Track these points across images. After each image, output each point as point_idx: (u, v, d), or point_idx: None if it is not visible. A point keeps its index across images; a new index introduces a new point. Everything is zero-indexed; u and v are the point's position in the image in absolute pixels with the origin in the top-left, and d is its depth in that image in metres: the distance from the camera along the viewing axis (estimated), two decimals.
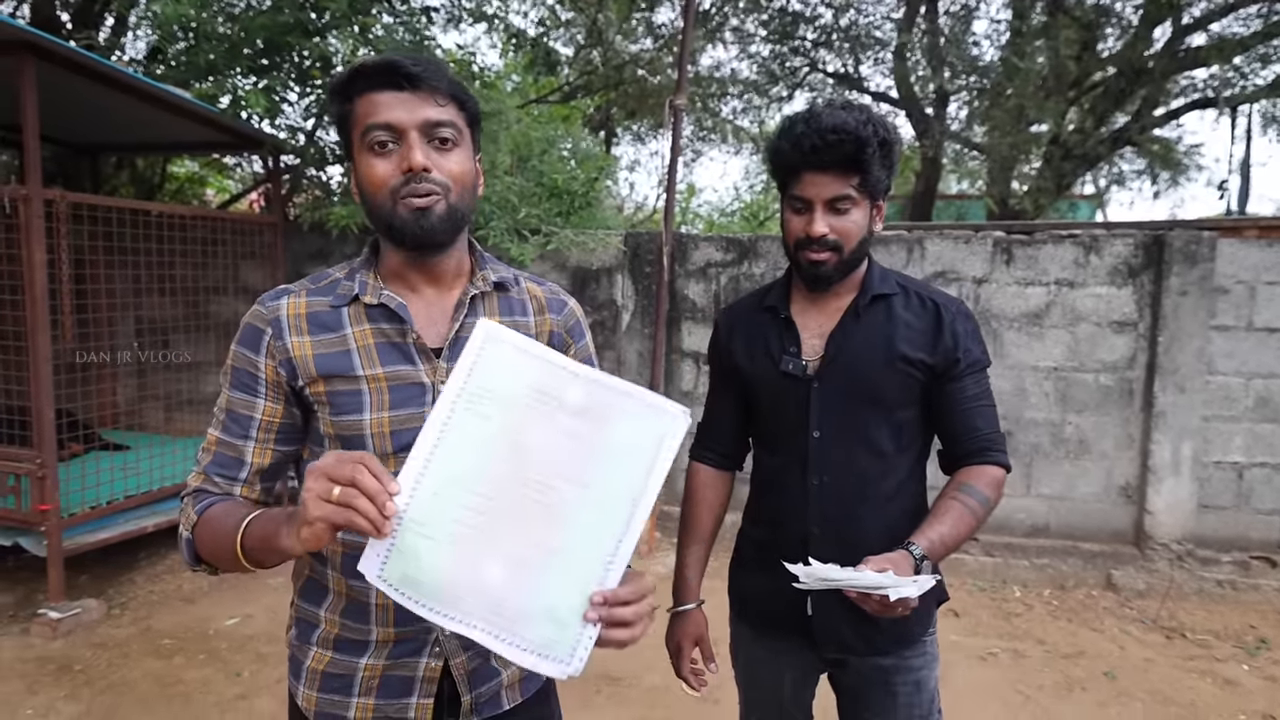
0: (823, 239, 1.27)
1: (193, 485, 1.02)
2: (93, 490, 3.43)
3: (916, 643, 1.38)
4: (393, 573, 0.81)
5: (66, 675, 2.83)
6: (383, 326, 1.00)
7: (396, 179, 0.94)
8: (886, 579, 1.07)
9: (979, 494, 1.28)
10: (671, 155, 4.14)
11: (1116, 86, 7.32)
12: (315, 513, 0.77)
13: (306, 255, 4.78)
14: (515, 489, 0.82)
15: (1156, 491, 3.91)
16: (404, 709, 1.02)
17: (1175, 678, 3.09)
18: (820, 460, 1.33)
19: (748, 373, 1.41)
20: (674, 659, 1.46)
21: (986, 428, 1.33)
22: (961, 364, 1.31)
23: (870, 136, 1.22)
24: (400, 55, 0.95)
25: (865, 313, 1.33)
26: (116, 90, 3.40)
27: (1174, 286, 3.84)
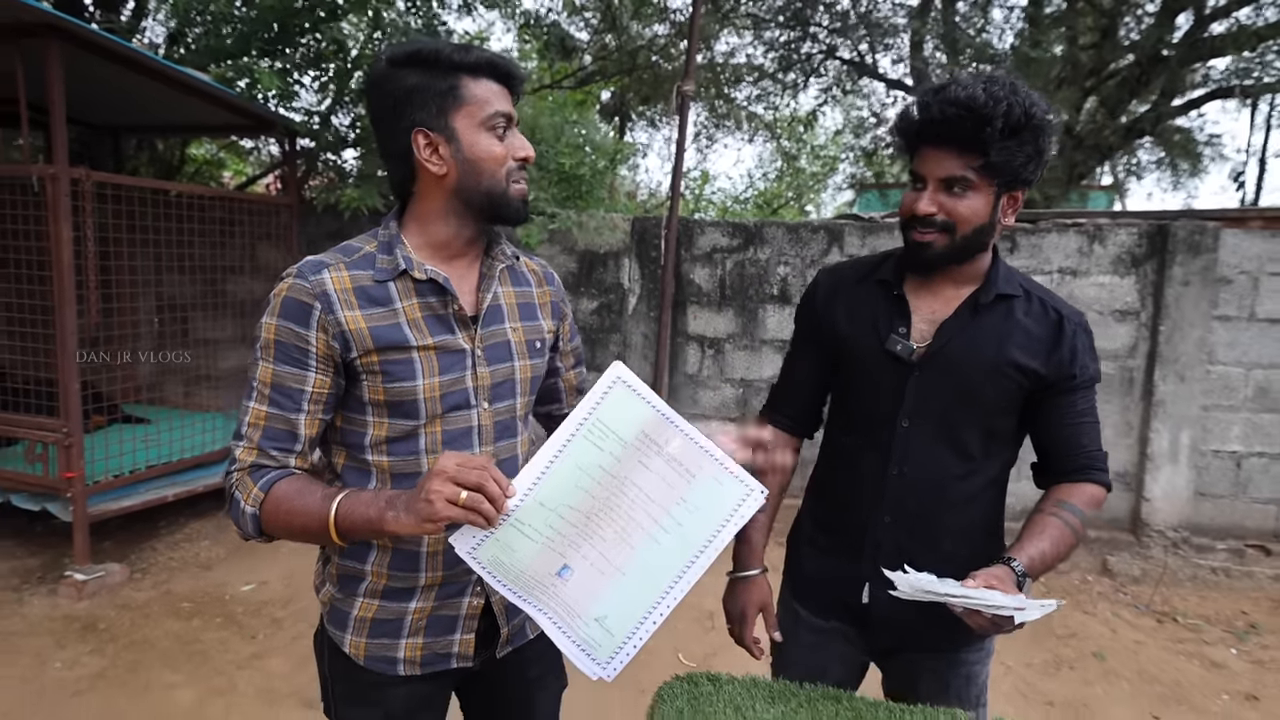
0: (930, 218, 1.20)
1: (246, 460, 1.04)
2: (116, 460, 3.58)
3: (976, 640, 1.34)
4: (485, 555, 0.95)
5: (91, 633, 2.98)
6: (429, 300, 1.08)
7: (510, 164, 1.08)
8: (1010, 600, 1.02)
9: (1079, 512, 1.24)
10: (678, 142, 4.20)
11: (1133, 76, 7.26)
12: (444, 513, 0.89)
13: (322, 236, 4.90)
14: (605, 512, 0.97)
15: (1154, 479, 3.97)
16: (449, 644, 1.14)
17: (1163, 659, 3.16)
18: (904, 450, 1.28)
19: (846, 342, 1.34)
20: (735, 625, 1.42)
21: (1091, 445, 1.29)
22: (1076, 379, 1.26)
23: (997, 115, 1.12)
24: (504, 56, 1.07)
25: (984, 309, 1.26)
26: (137, 72, 3.50)
27: (1177, 276, 3.88)
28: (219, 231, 4.31)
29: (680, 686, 1.32)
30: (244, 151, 7.70)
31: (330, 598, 1.16)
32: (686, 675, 1.36)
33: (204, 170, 6.99)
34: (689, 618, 3.32)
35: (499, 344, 1.14)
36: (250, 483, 1.02)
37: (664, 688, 1.32)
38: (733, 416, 4.51)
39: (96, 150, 5.06)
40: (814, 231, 4.37)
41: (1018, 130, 1.14)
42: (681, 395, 4.54)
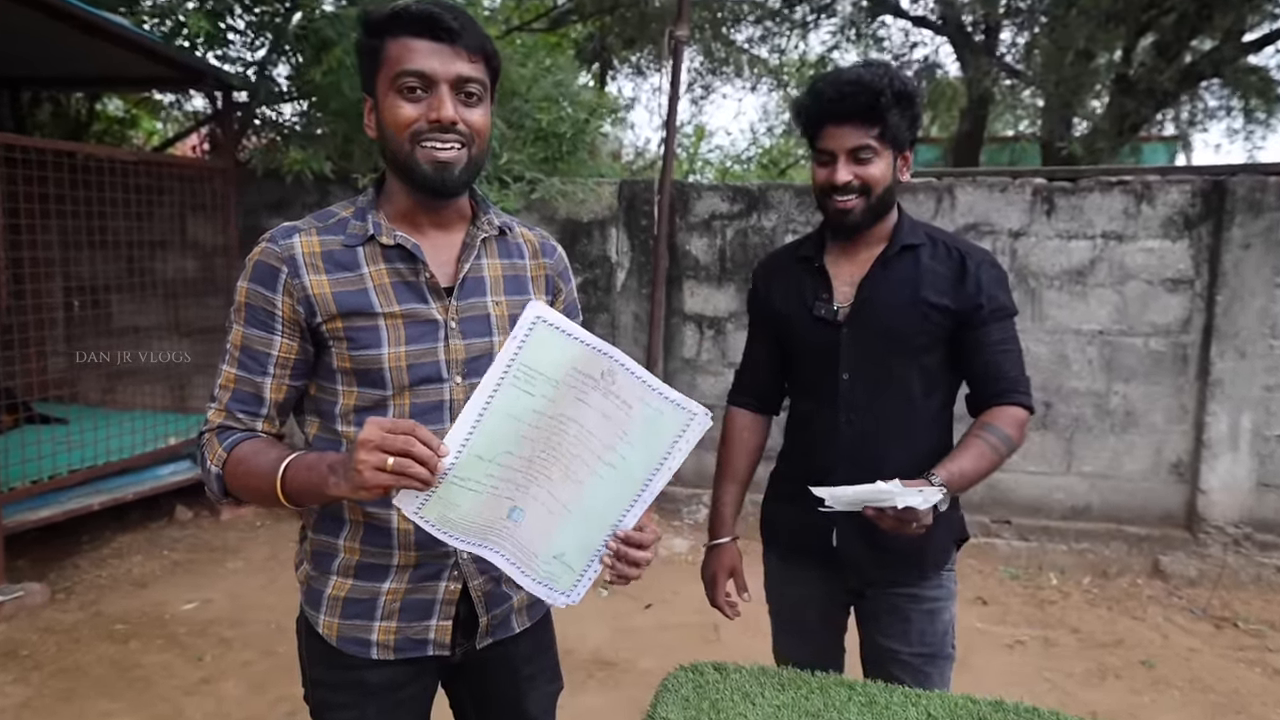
0: (847, 185, 1.56)
1: (215, 422, 1.21)
2: (33, 464, 3.69)
3: (932, 575, 1.69)
4: (430, 512, 1.07)
5: (12, 660, 3.09)
6: (398, 266, 1.21)
7: (421, 124, 1.15)
8: (893, 487, 1.34)
9: (1000, 432, 1.57)
10: (671, 94, 4.32)
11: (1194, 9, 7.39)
12: (372, 481, 1.00)
13: (262, 205, 4.99)
14: (547, 453, 1.10)
15: (1211, 469, 4.15)
16: (424, 630, 1.26)
17: (1220, 667, 3.35)
18: (849, 401, 1.64)
19: (783, 318, 1.73)
20: (709, 589, 1.81)
21: (1011, 370, 1.63)
22: (985, 309, 1.60)
23: (885, 87, 1.51)
24: (439, 6, 1.14)
25: (893, 262, 1.63)
26: (39, 13, 3.54)
27: (1235, 239, 4.05)
28: (144, 201, 4.38)
29: (685, 676, 1.47)
30: (161, 107, 7.73)
31: (306, 575, 1.31)
32: (691, 665, 1.51)
33: (114, 130, 7.04)
34: (690, 630, 3.47)
35: (477, 317, 1.25)
36: (217, 443, 1.19)
37: (669, 678, 1.47)
38: None
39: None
40: None
41: (900, 99, 1.53)
42: (678, 381, 4.68)
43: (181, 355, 4.90)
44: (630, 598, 3.80)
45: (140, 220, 4.52)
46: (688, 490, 4.72)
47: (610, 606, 3.70)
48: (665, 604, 3.75)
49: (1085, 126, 8.42)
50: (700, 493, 4.70)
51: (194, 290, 4.96)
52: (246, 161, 4.70)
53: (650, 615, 3.65)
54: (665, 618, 3.62)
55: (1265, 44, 7.90)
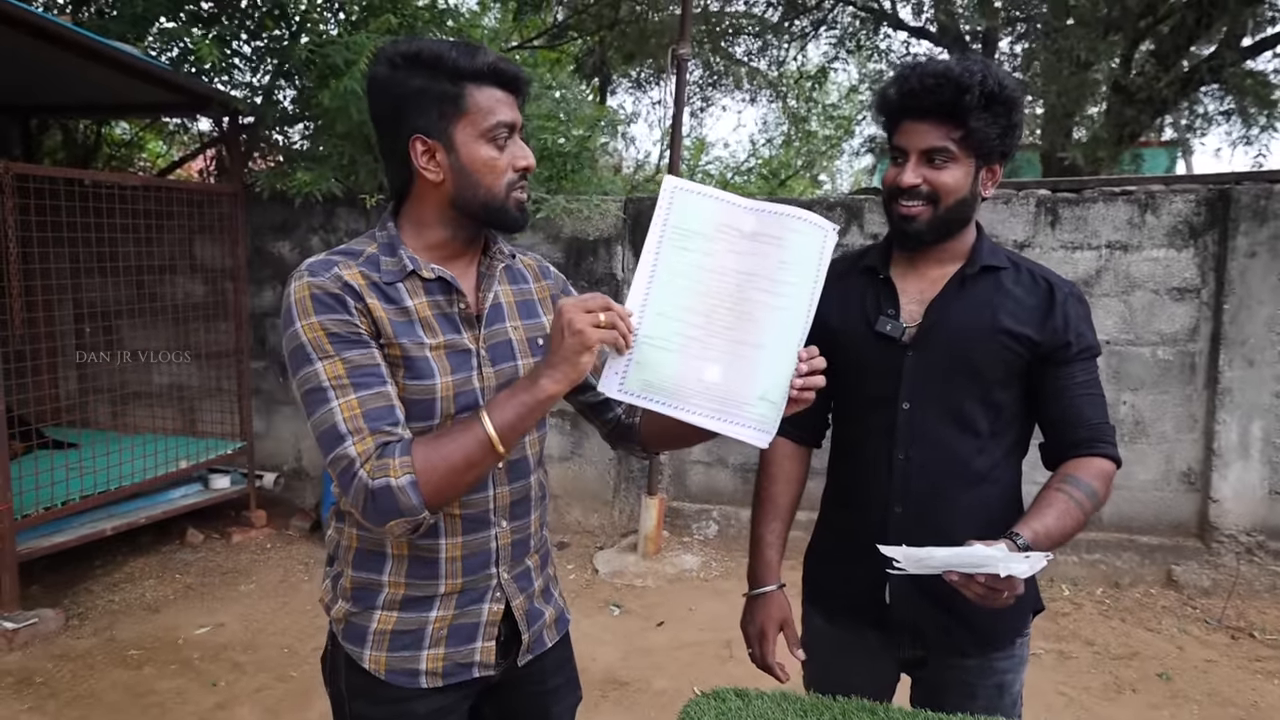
0: (914, 190, 1.39)
1: (369, 448, 1.10)
2: (46, 490, 3.69)
3: (1005, 646, 1.47)
4: (633, 383, 1.16)
5: (28, 688, 3.09)
6: (438, 299, 1.23)
7: (511, 174, 1.22)
8: (997, 554, 1.17)
9: (1087, 487, 1.37)
10: (675, 111, 4.34)
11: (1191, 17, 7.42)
12: (594, 337, 1.08)
13: (268, 228, 5.02)
14: (719, 302, 1.18)
15: (1223, 477, 4.13)
16: (471, 653, 1.28)
17: (1238, 679, 3.33)
18: (908, 433, 1.45)
19: (837, 331, 1.48)
20: (756, 645, 1.56)
21: (1095, 417, 1.43)
22: (1073, 348, 1.42)
23: (973, 84, 1.32)
24: (509, 61, 1.21)
25: (971, 283, 1.45)
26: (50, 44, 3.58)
27: (1241, 247, 4.05)
28: (151, 226, 4.40)
29: (706, 703, 1.46)
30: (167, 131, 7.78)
31: (345, 613, 1.30)
32: (713, 691, 1.50)
33: (122, 154, 7.08)
34: (704, 648, 3.46)
35: (501, 343, 1.28)
36: (388, 459, 1.10)
37: (689, 706, 1.46)
38: None
39: (2, 136, 5.16)
40: (829, 209, 4.52)
41: (992, 101, 1.35)
42: None
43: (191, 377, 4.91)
44: (642, 616, 3.78)
45: (149, 244, 4.54)
46: (697, 506, 4.72)
47: (622, 625, 3.69)
48: (679, 622, 3.73)
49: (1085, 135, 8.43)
50: (710, 508, 4.69)
51: (203, 313, 4.98)
52: (253, 184, 4.73)
53: (663, 633, 3.63)
54: (679, 636, 3.60)
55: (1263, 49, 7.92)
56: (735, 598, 1.69)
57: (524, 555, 1.35)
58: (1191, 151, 12.34)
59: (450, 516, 1.25)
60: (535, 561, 1.38)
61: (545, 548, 1.43)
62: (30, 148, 5.28)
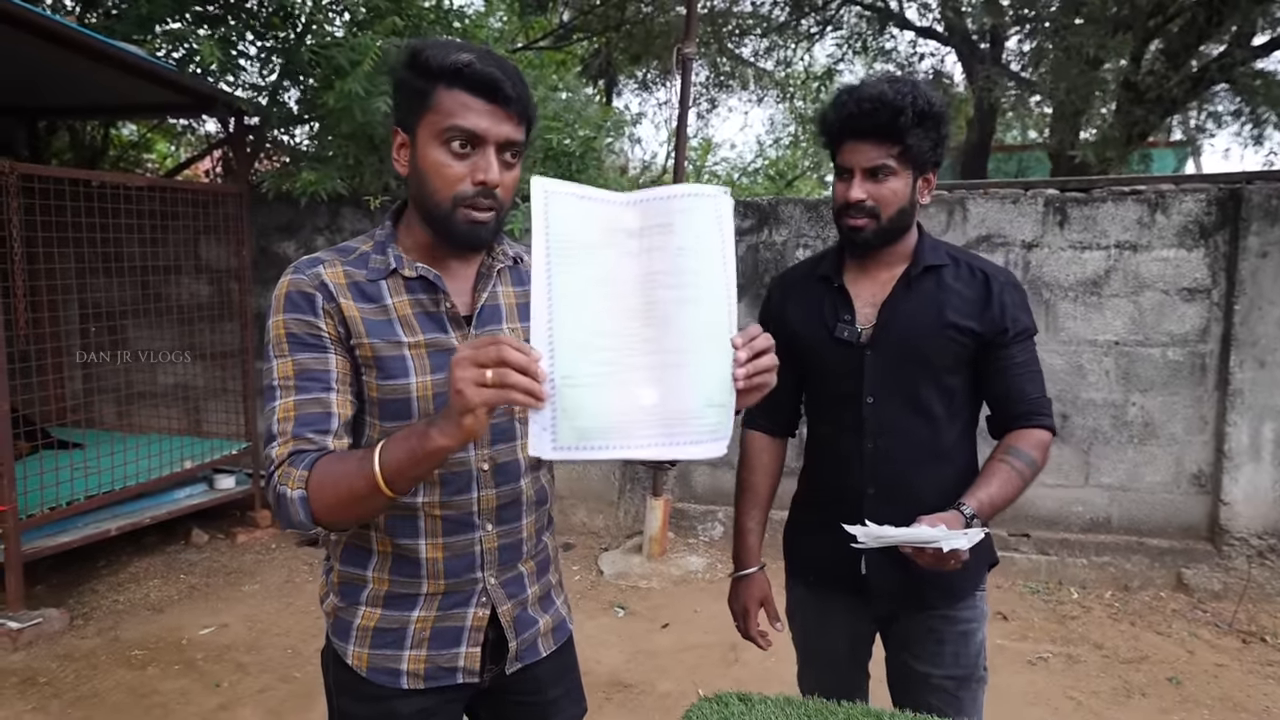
0: (860, 204, 1.54)
1: (284, 453, 1.13)
2: (51, 490, 3.69)
3: (966, 597, 1.67)
4: (565, 435, 0.99)
5: (32, 688, 3.09)
6: (420, 297, 1.22)
7: (465, 187, 1.15)
8: (939, 532, 1.35)
9: (1025, 456, 1.56)
10: (680, 112, 4.32)
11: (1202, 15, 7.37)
12: (476, 399, 0.94)
13: (274, 228, 5.02)
14: (628, 316, 1.05)
15: (1233, 479, 4.09)
16: (454, 658, 1.27)
17: (1249, 684, 3.29)
18: (874, 425, 1.61)
19: (802, 339, 1.67)
20: (740, 621, 1.78)
21: (1033, 392, 1.62)
22: (1010, 332, 1.59)
23: (906, 105, 1.47)
24: (500, 68, 1.13)
25: (916, 283, 1.61)
26: (56, 45, 3.59)
27: (1252, 247, 4.01)
28: (156, 227, 4.41)
29: (709, 708, 1.44)
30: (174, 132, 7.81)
31: (334, 607, 1.30)
32: (715, 696, 1.48)
33: (129, 155, 7.11)
34: (709, 650, 3.44)
35: None
36: (292, 470, 1.11)
37: (692, 710, 1.44)
38: None
39: (7, 136, 5.18)
40: None
41: (924, 118, 1.49)
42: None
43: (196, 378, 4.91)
44: (647, 618, 3.77)
45: (154, 245, 4.55)
46: (703, 507, 4.69)
47: (627, 627, 3.67)
48: (684, 624, 3.72)
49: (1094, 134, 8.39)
50: (715, 509, 4.67)
51: (208, 313, 4.98)
52: (259, 184, 4.73)
53: (668, 635, 3.62)
54: (684, 638, 3.59)
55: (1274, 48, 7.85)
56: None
57: (515, 561, 1.32)
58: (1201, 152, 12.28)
59: (431, 516, 1.23)
60: (530, 568, 1.35)
61: (544, 554, 1.40)
62: (37, 149, 5.29)
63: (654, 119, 15.31)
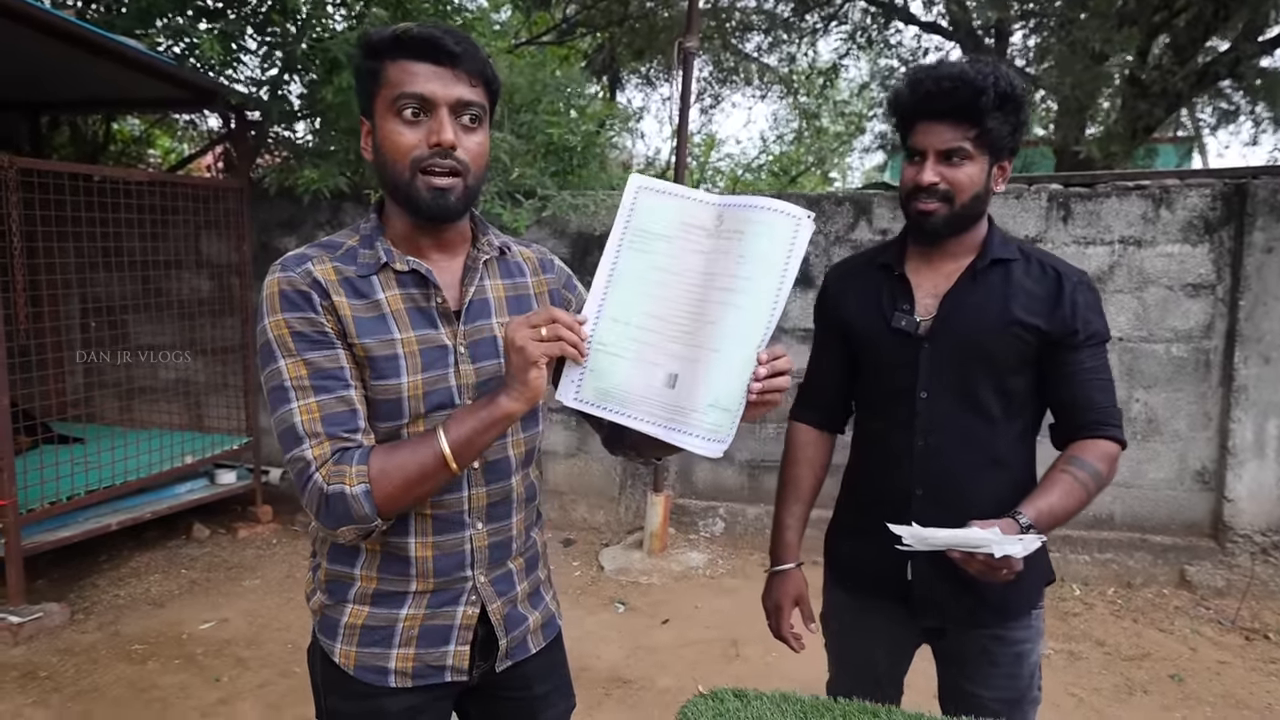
0: (932, 188, 1.46)
1: (326, 452, 1.10)
2: (51, 485, 3.69)
3: (1020, 616, 1.56)
4: (588, 391, 1.14)
5: (32, 682, 3.09)
6: (411, 292, 1.20)
7: (421, 150, 1.13)
8: (991, 535, 1.25)
9: (1090, 467, 1.45)
10: (682, 105, 4.30)
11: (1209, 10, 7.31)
12: (536, 351, 1.05)
13: (275, 224, 5.01)
14: (678, 306, 1.15)
15: (1238, 476, 4.07)
16: (442, 656, 1.25)
17: (1252, 681, 3.27)
18: (927, 421, 1.53)
19: (857, 329, 1.61)
20: (773, 619, 1.69)
21: (1103, 401, 1.50)
22: (1080, 334, 1.49)
23: (988, 85, 1.39)
24: (441, 30, 1.12)
25: (983, 276, 1.52)
26: (56, 39, 3.59)
27: (1258, 242, 3.98)
28: (157, 221, 4.41)
29: (704, 704, 1.44)
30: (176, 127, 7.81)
31: (321, 605, 1.28)
32: (711, 692, 1.47)
33: (131, 149, 7.10)
34: (710, 646, 3.43)
35: (484, 340, 1.24)
36: (344, 466, 1.09)
37: (687, 706, 1.44)
38: None
39: (9, 131, 5.18)
40: (838, 204, 4.47)
41: (1005, 101, 1.42)
42: None
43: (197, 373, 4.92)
44: (647, 614, 3.76)
45: (155, 240, 4.55)
46: (704, 503, 4.68)
47: (627, 622, 3.66)
48: (684, 620, 3.71)
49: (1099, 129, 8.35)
50: (716, 505, 4.66)
51: (209, 308, 4.98)
52: (260, 180, 4.73)
53: (668, 631, 3.61)
54: (684, 634, 3.58)
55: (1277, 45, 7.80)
56: (742, 595, 1.75)
57: (505, 558, 1.30)
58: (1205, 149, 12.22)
59: (421, 515, 1.21)
60: (519, 565, 1.34)
61: (533, 551, 1.39)
62: (39, 144, 5.29)
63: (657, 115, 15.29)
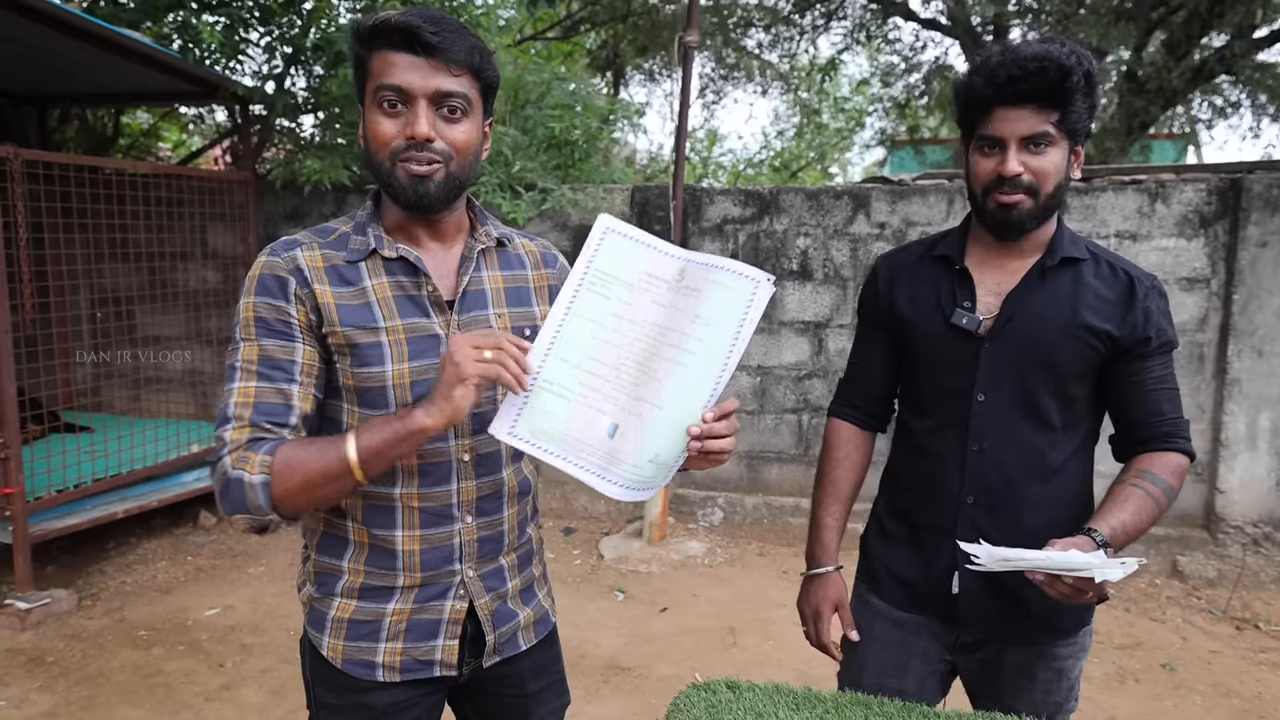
0: (1016, 179, 1.33)
1: (241, 438, 1.08)
2: (58, 474, 3.68)
3: (1070, 634, 1.46)
4: (524, 428, 1.09)
5: (39, 667, 3.08)
6: (400, 279, 1.17)
7: (399, 142, 1.11)
8: (1094, 559, 1.14)
9: (1163, 482, 1.35)
10: (682, 100, 4.27)
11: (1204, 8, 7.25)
12: (472, 370, 1.00)
13: (280, 215, 4.98)
14: (628, 355, 1.11)
15: (1229, 468, 4.04)
16: (430, 651, 1.23)
17: (1242, 670, 3.25)
18: (982, 425, 1.42)
19: (910, 324, 1.49)
20: (811, 625, 1.58)
21: (1171, 412, 1.41)
22: (1152, 342, 1.38)
23: (1074, 66, 1.28)
24: (422, 18, 1.09)
25: (1051, 275, 1.40)
26: (63, 33, 3.57)
27: (1252, 237, 3.94)
28: (164, 214, 4.38)
29: (697, 695, 1.41)
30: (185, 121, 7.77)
31: (309, 597, 1.26)
32: (704, 683, 1.45)
33: (140, 143, 7.07)
34: (707, 635, 3.41)
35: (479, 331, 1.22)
36: (251, 454, 1.07)
37: (679, 697, 1.41)
38: (749, 409, 4.60)
39: (18, 124, 5.15)
40: (836, 198, 4.43)
41: (1089, 81, 1.31)
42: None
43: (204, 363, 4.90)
44: (646, 602, 3.74)
45: (162, 232, 4.53)
46: (703, 493, 4.66)
47: (626, 611, 3.65)
48: (682, 608, 3.69)
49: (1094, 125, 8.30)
50: (715, 495, 4.64)
51: (215, 300, 4.97)
52: (266, 173, 4.70)
53: (666, 620, 3.59)
54: (682, 622, 3.56)
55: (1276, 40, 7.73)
56: (739, 585, 1.69)
57: (496, 553, 1.28)
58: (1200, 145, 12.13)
59: (408, 508, 1.19)
60: (511, 560, 1.31)
61: (527, 546, 1.36)
62: (47, 136, 5.26)
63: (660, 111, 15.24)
